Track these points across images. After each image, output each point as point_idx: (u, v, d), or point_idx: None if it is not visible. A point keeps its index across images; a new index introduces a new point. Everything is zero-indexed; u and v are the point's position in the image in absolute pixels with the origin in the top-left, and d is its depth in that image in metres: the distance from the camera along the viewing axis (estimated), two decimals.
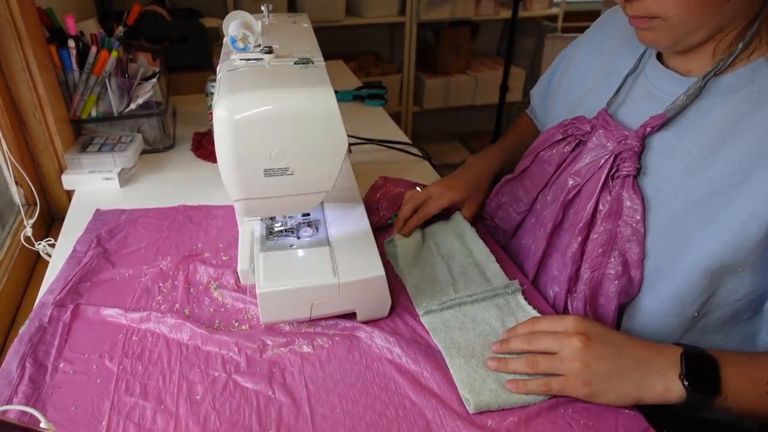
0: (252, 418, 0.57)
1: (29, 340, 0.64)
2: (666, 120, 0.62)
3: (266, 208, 0.62)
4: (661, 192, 0.62)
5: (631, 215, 0.63)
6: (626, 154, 0.64)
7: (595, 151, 0.68)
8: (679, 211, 0.60)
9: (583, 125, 0.71)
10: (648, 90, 0.67)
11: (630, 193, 0.63)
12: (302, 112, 0.54)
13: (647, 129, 0.63)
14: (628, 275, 0.64)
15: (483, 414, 0.57)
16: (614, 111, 0.70)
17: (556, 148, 0.74)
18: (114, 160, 1.01)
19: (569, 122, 0.74)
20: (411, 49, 2.48)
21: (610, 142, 0.66)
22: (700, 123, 0.60)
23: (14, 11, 0.87)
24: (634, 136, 0.64)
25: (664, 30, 0.59)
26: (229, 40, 0.60)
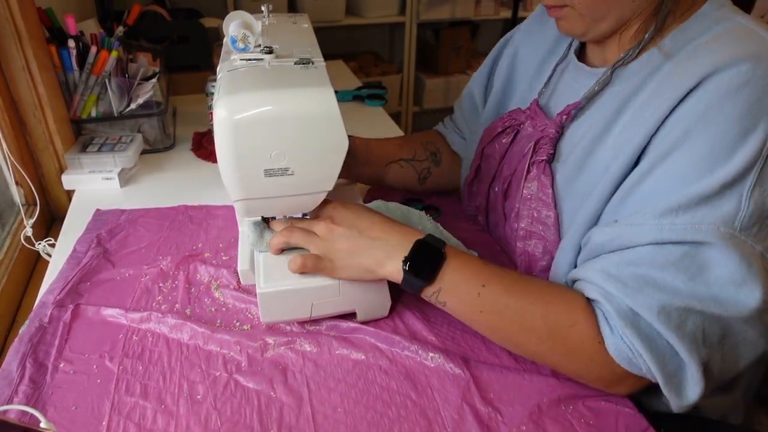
0: (253, 418, 0.57)
1: (29, 340, 0.64)
2: (580, 107, 0.65)
3: (267, 209, 0.62)
4: (566, 176, 0.65)
5: (543, 199, 0.67)
6: (544, 140, 0.68)
7: (522, 141, 0.72)
8: (582, 193, 0.63)
9: (519, 116, 0.75)
10: (569, 82, 0.70)
11: (541, 178, 0.67)
12: (303, 113, 0.54)
13: (563, 117, 0.67)
14: (550, 255, 0.67)
15: (485, 414, 0.57)
16: (545, 101, 0.73)
17: (497, 141, 0.77)
18: (114, 160, 1.01)
19: (507, 115, 0.77)
20: (411, 49, 2.48)
21: (535, 131, 0.70)
22: (603, 109, 0.63)
23: (14, 11, 0.86)
24: (553, 124, 0.68)
25: (575, 18, 0.62)
26: (229, 40, 0.60)
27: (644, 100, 0.58)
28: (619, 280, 0.53)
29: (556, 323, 0.56)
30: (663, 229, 0.51)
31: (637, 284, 0.52)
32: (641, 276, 0.52)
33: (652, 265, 0.52)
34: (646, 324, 0.52)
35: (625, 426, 0.56)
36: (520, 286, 0.59)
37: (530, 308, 0.57)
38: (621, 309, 0.53)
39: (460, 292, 0.59)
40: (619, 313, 0.52)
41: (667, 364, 0.52)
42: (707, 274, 0.50)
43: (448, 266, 0.59)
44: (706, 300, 0.50)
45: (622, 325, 0.52)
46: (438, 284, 0.59)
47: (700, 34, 0.56)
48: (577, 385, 0.60)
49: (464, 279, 0.59)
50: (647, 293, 0.51)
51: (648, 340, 0.51)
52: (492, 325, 0.60)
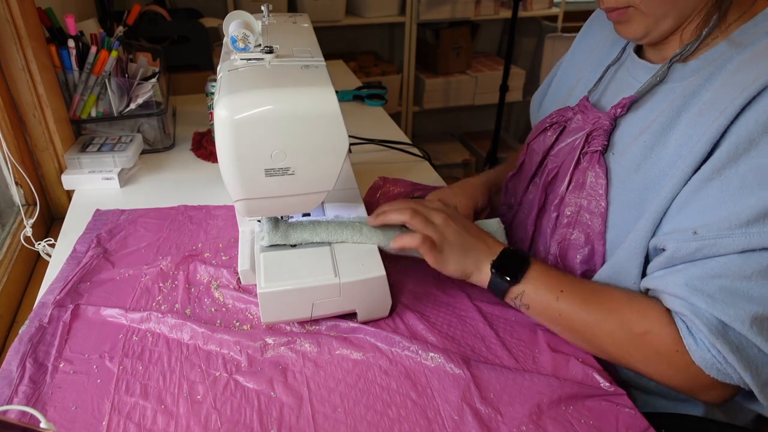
0: (253, 418, 0.57)
1: (29, 340, 0.64)
2: (634, 100, 0.65)
3: (267, 208, 0.62)
4: (624, 169, 0.64)
5: (594, 189, 0.66)
6: (597, 132, 0.68)
7: (572, 134, 0.71)
8: (640, 188, 0.62)
9: (566, 113, 0.75)
10: (626, 79, 0.70)
11: (595, 168, 0.66)
12: (303, 112, 0.53)
13: (618, 110, 0.66)
14: (591, 246, 0.67)
15: (484, 414, 0.57)
16: (596, 99, 0.74)
17: (543, 135, 0.77)
18: (114, 160, 1.01)
19: (555, 112, 0.77)
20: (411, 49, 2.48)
21: (587, 125, 0.70)
22: (662, 104, 0.63)
23: (14, 11, 0.86)
24: (606, 116, 0.68)
25: (638, 19, 0.62)
26: (229, 40, 0.60)
27: (712, 97, 0.57)
28: (706, 294, 0.53)
29: (630, 330, 0.58)
30: (752, 237, 0.50)
31: (726, 297, 0.52)
32: (728, 288, 0.52)
33: (740, 276, 0.51)
34: (735, 334, 0.52)
35: (626, 426, 0.56)
36: (596, 293, 0.62)
37: (604, 313, 0.60)
38: (710, 323, 0.52)
39: (541, 296, 0.62)
40: (708, 327, 0.52)
41: (761, 372, 0.52)
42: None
43: (531, 270, 0.63)
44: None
45: (712, 338, 0.52)
46: (522, 286, 0.63)
47: (766, 34, 0.56)
48: (578, 385, 0.60)
49: (545, 283, 0.63)
50: (738, 305, 0.51)
51: (739, 351, 0.52)
52: (571, 328, 0.62)
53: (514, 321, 0.69)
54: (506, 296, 0.65)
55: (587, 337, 0.62)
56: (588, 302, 0.61)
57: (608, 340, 0.60)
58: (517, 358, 0.64)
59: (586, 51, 0.82)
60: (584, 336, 0.62)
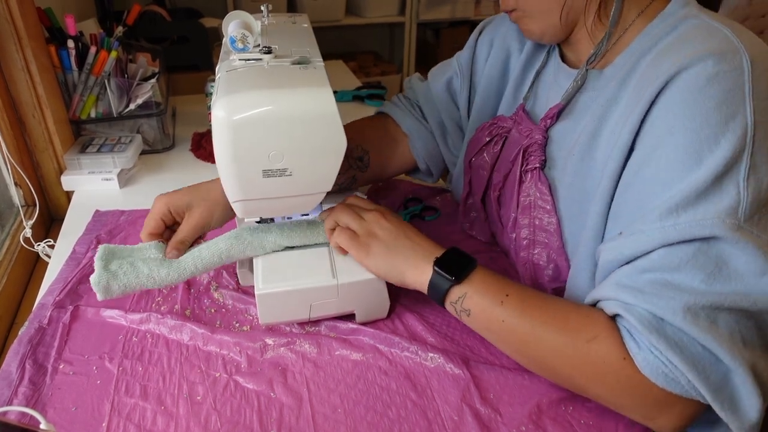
0: (253, 419, 0.57)
1: (29, 341, 0.64)
2: (561, 108, 0.65)
3: (265, 209, 0.62)
4: (564, 183, 0.64)
5: (542, 207, 0.66)
6: (532, 147, 0.68)
7: (510, 147, 0.71)
8: (579, 200, 0.62)
9: (504, 123, 0.74)
10: (553, 86, 0.70)
11: (538, 185, 0.66)
12: (301, 113, 0.53)
13: (548, 121, 0.67)
14: (555, 264, 0.66)
15: (484, 414, 0.57)
16: (530, 107, 0.73)
17: (486, 151, 0.76)
18: (113, 160, 1.01)
19: (491, 123, 0.76)
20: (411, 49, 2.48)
21: (523, 138, 0.69)
22: (586, 113, 0.63)
23: (14, 11, 0.86)
24: (537, 130, 0.67)
25: (526, 18, 0.65)
26: (228, 40, 0.60)
27: (626, 103, 0.57)
28: (634, 288, 0.50)
29: (575, 338, 0.53)
30: (667, 230, 0.49)
31: (655, 289, 0.49)
32: (657, 280, 0.49)
33: (667, 268, 0.49)
34: (673, 330, 0.48)
35: (625, 427, 0.56)
36: (541, 300, 0.57)
37: (550, 320, 0.55)
38: (643, 317, 0.49)
39: (484, 300, 0.58)
40: (641, 322, 0.49)
41: (709, 374, 0.47)
42: (726, 269, 0.48)
43: (476, 273, 0.59)
44: (731, 295, 0.47)
45: (647, 334, 0.48)
46: (465, 288, 0.58)
47: (666, 34, 0.56)
48: None
49: (489, 287, 0.58)
50: (667, 296, 0.48)
51: (679, 347, 0.47)
52: (514, 338, 0.57)
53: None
54: (446, 299, 0.59)
55: (531, 349, 0.56)
56: (533, 308, 0.56)
57: (554, 353, 0.54)
58: None
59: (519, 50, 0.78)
60: (527, 347, 0.56)
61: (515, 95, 0.77)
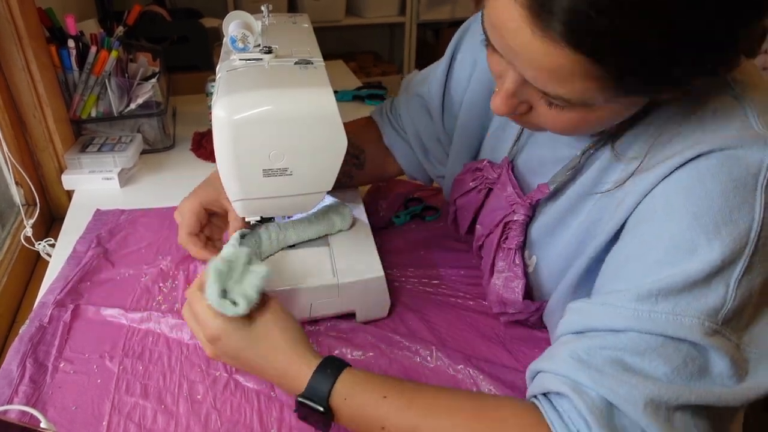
0: (253, 418, 0.57)
1: (29, 340, 0.64)
2: (549, 194, 0.60)
3: (265, 209, 0.62)
4: (540, 266, 0.62)
5: (513, 287, 0.63)
6: (514, 224, 0.63)
7: (494, 208, 0.67)
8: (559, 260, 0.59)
9: (489, 173, 0.69)
10: (545, 142, 0.63)
11: (514, 265, 0.63)
12: (301, 113, 0.54)
13: (534, 200, 0.61)
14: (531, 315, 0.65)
15: None
16: (515, 159, 0.67)
17: (470, 195, 0.72)
18: (114, 160, 1.01)
19: (476, 168, 0.71)
20: (411, 49, 2.48)
21: (505, 204, 0.65)
22: (569, 196, 0.59)
23: (14, 11, 0.87)
24: (522, 207, 0.62)
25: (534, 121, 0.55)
26: (228, 40, 0.60)
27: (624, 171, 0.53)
28: (593, 368, 0.44)
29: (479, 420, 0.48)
30: (641, 316, 0.44)
31: (615, 371, 0.44)
32: (619, 362, 0.44)
33: (632, 351, 0.44)
34: (622, 418, 0.43)
35: None
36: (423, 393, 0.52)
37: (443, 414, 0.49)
38: (595, 404, 0.43)
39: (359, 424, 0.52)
40: (592, 409, 0.43)
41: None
42: (692, 366, 0.43)
43: (338, 416, 0.52)
44: (696, 391, 0.43)
45: (595, 424, 0.42)
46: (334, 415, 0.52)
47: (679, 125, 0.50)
48: None
49: (359, 426, 0.52)
50: (629, 383, 0.43)
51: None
52: None
53: (514, 321, 0.69)
54: None
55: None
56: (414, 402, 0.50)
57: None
58: (517, 357, 0.65)
59: None
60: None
61: (501, 135, 0.70)
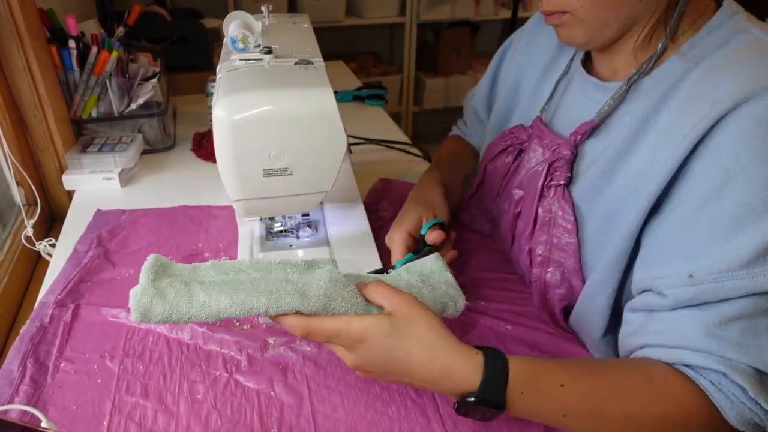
0: (254, 418, 0.57)
1: (30, 339, 0.64)
2: (595, 126, 0.61)
3: (266, 209, 0.62)
4: (588, 201, 0.61)
5: (563, 225, 0.63)
6: (559, 162, 0.63)
7: (532, 161, 0.68)
8: (604, 218, 0.59)
9: (521, 134, 0.70)
10: (579, 98, 0.66)
11: (561, 203, 0.63)
12: (301, 113, 0.54)
13: (578, 136, 0.62)
14: (569, 283, 0.64)
15: None
16: (549, 118, 0.69)
17: (500, 159, 0.73)
18: (114, 160, 1.01)
19: (509, 132, 0.73)
20: (411, 49, 2.48)
21: (546, 151, 0.65)
22: (617, 128, 0.59)
23: (15, 12, 0.87)
24: (566, 145, 0.63)
25: (576, 25, 0.58)
26: (229, 40, 0.60)
27: (669, 122, 0.53)
28: (732, 341, 0.47)
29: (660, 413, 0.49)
30: (757, 280, 0.45)
31: (753, 339, 0.46)
32: (752, 329, 0.46)
33: (758, 313, 0.46)
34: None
35: None
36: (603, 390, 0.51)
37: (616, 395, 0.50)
38: (747, 374, 0.46)
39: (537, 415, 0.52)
40: (746, 379, 0.46)
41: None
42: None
43: (511, 409, 0.50)
44: None
45: (754, 392, 0.46)
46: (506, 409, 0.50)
47: (716, 48, 0.53)
48: None
49: (539, 416, 0.51)
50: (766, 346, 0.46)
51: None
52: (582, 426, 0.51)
53: (514, 322, 0.69)
54: None
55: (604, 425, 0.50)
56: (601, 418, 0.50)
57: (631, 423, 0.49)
58: None
59: (535, 54, 0.75)
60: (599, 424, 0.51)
61: (532, 102, 0.73)
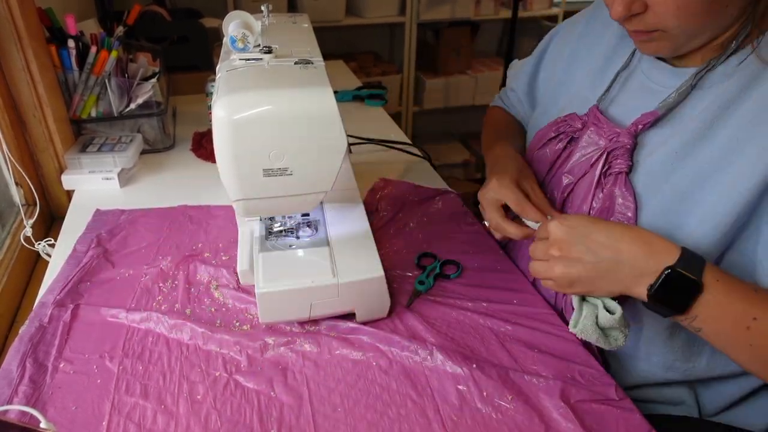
0: (253, 418, 0.57)
1: (29, 340, 0.64)
2: (658, 117, 0.61)
3: (265, 209, 0.62)
4: (651, 187, 0.62)
5: (623, 212, 0.63)
6: (618, 151, 0.64)
7: (587, 148, 0.67)
8: (669, 199, 0.60)
9: (574, 122, 0.71)
10: (642, 83, 0.66)
11: (622, 190, 0.63)
12: (301, 113, 0.54)
13: (639, 126, 0.63)
14: None
15: (485, 414, 0.57)
16: (605, 107, 0.69)
17: (549, 146, 0.73)
18: (114, 160, 1.01)
19: (561, 120, 0.73)
20: (411, 49, 2.48)
21: (602, 140, 0.66)
22: (690, 114, 0.60)
23: (14, 11, 0.86)
24: (626, 134, 0.63)
25: (666, 40, 0.58)
26: (228, 40, 0.60)
27: (754, 113, 0.55)
28: None
29: None
30: None
31: None
32: None
33: None
34: None
35: (626, 428, 0.56)
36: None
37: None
38: None
39: (722, 325, 0.52)
40: None
41: None
42: None
43: (705, 298, 0.51)
44: None
45: None
46: (693, 313, 0.52)
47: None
48: (579, 386, 0.60)
49: (728, 312, 0.51)
50: None
51: None
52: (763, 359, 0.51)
53: (514, 322, 0.69)
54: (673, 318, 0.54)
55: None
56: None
57: None
58: (517, 358, 0.64)
59: (593, 45, 0.75)
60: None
61: (589, 91, 0.72)
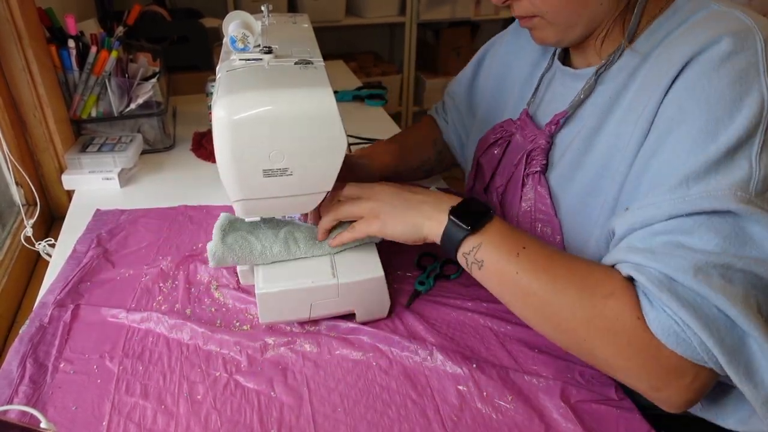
0: (253, 418, 0.57)
1: (30, 340, 0.64)
2: (567, 116, 0.66)
3: (265, 209, 0.62)
4: (563, 185, 0.66)
5: (543, 209, 0.67)
6: (535, 152, 0.69)
7: (514, 152, 0.73)
8: (579, 194, 0.63)
9: (510, 127, 0.76)
10: (558, 89, 0.71)
11: (538, 189, 0.67)
12: (301, 113, 0.54)
13: (552, 127, 0.68)
14: None
15: (484, 414, 0.57)
16: (534, 111, 0.74)
17: (489, 152, 0.78)
18: (114, 160, 1.01)
19: (499, 126, 0.78)
20: (411, 49, 2.48)
21: (527, 142, 0.71)
22: (590, 111, 0.64)
23: (14, 11, 0.87)
24: (542, 135, 0.69)
25: (546, 27, 0.64)
26: (228, 40, 0.60)
27: (634, 95, 0.59)
28: (646, 250, 0.50)
29: (592, 294, 0.52)
30: (676, 203, 0.49)
31: (666, 249, 0.49)
32: (670, 242, 0.49)
33: (680, 232, 0.49)
34: (685, 289, 0.47)
35: (626, 428, 0.56)
36: (559, 255, 0.57)
37: (567, 273, 0.54)
38: (654, 277, 0.48)
39: (498, 252, 0.57)
40: (653, 281, 0.48)
41: (723, 336, 0.45)
42: (742, 234, 0.47)
43: (492, 223, 0.58)
44: (745, 258, 0.46)
45: (659, 293, 0.47)
46: (480, 238, 0.57)
47: (676, 27, 0.57)
48: (579, 386, 0.60)
49: (505, 238, 0.57)
50: (679, 255, 0.48)
51: (693, 307, 0.46)
52: (527, 292, 0.55)
53: (514, 322, 0.69)
54: (459, 249, 0.58)
55: (544, 304, 0.54)
56: (550, 262, 0.55)
57: (567, 308, 0.53)
58: (517, 359, 0.65)
59: (517, 52, 0.82)
60: (541, 304, 0.54)
61: (521, 97, 0.78)
